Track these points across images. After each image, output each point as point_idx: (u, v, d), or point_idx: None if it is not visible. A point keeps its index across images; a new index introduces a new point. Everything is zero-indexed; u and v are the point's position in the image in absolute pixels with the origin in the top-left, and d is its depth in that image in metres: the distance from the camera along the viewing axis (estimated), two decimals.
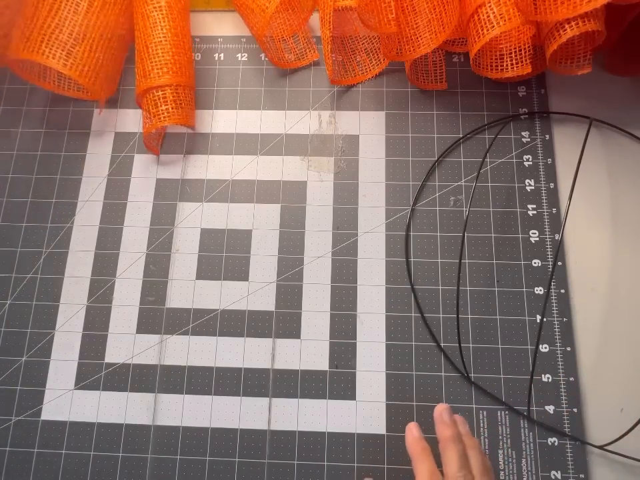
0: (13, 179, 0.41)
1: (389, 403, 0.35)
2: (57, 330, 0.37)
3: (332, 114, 0.42)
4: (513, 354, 0.35)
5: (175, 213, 0.40)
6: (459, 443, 0.28)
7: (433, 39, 0.36)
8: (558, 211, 0.38)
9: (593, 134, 0.39)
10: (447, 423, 0.29)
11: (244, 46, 0.44)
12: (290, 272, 0.38)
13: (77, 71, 0.38)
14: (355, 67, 0.42)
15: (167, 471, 0.34)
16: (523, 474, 0.33)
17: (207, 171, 0.41)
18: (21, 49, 0.37)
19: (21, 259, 0.39)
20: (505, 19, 0.34)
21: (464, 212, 0.38)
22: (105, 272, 0.38)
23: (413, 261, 0.37)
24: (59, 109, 0.43)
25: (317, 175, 0.40)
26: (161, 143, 0.42)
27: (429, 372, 0.35)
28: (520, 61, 0.36)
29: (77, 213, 0.40)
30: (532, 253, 0.37)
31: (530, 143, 0.40)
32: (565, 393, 0.34)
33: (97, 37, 0.39)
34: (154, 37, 0.39)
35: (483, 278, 0.37)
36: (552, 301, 0.36)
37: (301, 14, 0.42)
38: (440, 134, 0.40)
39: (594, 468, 0.33)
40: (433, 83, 0.41)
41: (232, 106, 0.42)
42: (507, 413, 0.34)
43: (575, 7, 0.30)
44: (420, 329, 0.36)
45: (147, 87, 0.38)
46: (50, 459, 0.34)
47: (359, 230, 0.38)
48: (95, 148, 0.42)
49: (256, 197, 0.40)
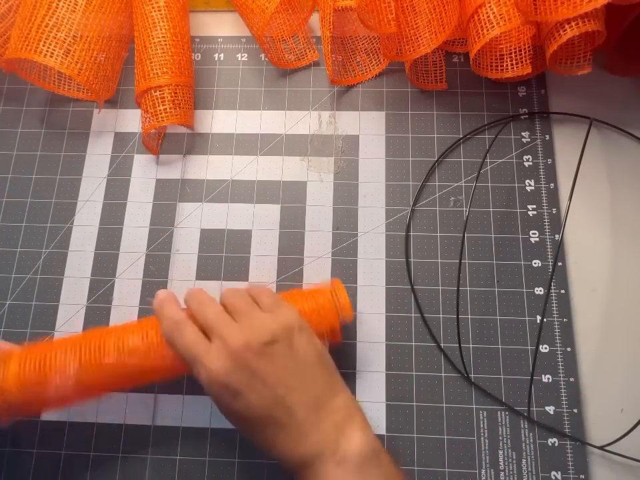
0: (13, 178, 0.41)
1: (388, 403, 0.35)
2: (56, 330, 0.37)
3: (332, 114, 0.42)
4: (513, 354, 0.35)
5: (175, 213, 0.40)
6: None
7: (433, 39, 0.36)
8: (558, 211, 0.38)
9: (593, 134, 0.39)
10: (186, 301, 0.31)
11: (244, 46, 0.44)
12: (290, 272, 0.38)
13: (75, 69, 0.38)
14: (355, 67, 0.42)
15: (166, 471, 0.34)
16: (523, 474, 0.33)
17: (207, 171, 0.41)
18: (19, 48, 0.37)
19: (20, 259, 0.39)
20: (505, 19, 0.34)
21: (464, 212, 0.38)
22: (105, 272, 0.38)
23: (413, 261, 0.37)
24: (59, 109, 0.43)
25: (317, 175, 0.40)
26: (161, 143, 0.42)
27: (429, 372, 0.35)
28: (520, 61, 0.36)
29: (77, 213, 0.40)
30: (532, 254, 0.37)
31: (530, 143, 0.40)
32: (565, 393, 0.34)
33: (95, 36, 0.39)
34: (153, 37, 0.39)
35: (483, 278, 0.37)
36: (552, 302, 0.36)
37: (301, 14, 0.42)
38: (440, 134, 0.40)
39: (594, 468, 0.32)
40: (433, 83, 0.41)
41: (232, 106, 0.42)
42: (507, 414, 0.34)
43: (575, 7, 0.30)
44: (420, 329, 0.36)
45: (146, 87, 0.38)
46: (49, 458, 0.34)
47: (359, 230, 0.38)
48: (95, 148, 0.42)
49: (256, 197, 0.40)
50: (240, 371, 0.26)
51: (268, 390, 0.27)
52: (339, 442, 0.26)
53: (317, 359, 0.28)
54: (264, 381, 0.27)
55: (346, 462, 0.26)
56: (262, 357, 0.27)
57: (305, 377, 0.27)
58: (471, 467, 0.33)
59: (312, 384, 0.27)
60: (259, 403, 0.26)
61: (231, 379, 0.26)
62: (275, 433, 0.27)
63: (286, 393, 0.27)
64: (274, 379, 0.27)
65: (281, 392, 0.27)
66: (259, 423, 0.27)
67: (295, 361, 0.28)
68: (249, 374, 0.27)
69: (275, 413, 0.26)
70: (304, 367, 0.28)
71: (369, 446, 0.27)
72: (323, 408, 0.27)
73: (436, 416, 0.34)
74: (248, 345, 0.27)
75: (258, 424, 0.27)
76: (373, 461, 0.26)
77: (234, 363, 0.26)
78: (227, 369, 0.26)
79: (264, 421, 0.27)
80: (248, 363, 0.27)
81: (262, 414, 0.26)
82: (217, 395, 0.27)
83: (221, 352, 0.27)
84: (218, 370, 0.26)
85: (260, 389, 0.26)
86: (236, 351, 0.27)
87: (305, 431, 0.26)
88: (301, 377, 0.27)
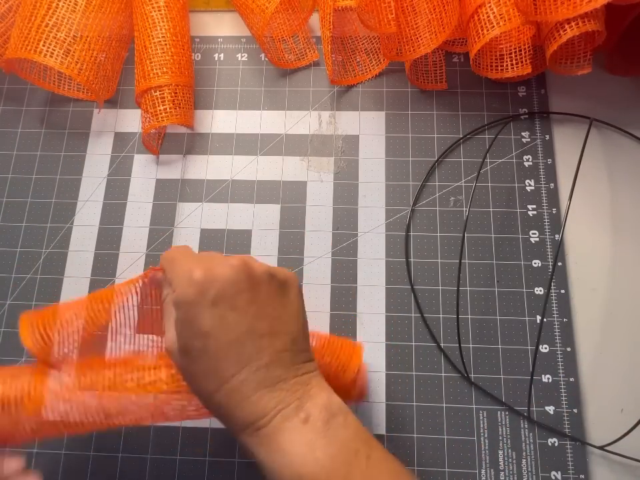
0: (13, 178, 0.41)
1: (388, 403, 0.35)
2: None
3: (332, 114, 0.42)
4: (513, 354, 0.35)
5: (175, 213, 0.40)
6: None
7: (433, 39, 0.36)
8: (558, 211, 0.38)
9: (593, 134, 0.39)
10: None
11: (244, 46, 0.44)
12: None
13: (75, 69, 0.38)
14: (355, 67, 0.42)
15: (167, 471, 0.34)
16: (523, 474, 0.33)
17: (207, 171, 0.41)
18: (19, 48, 0.37)
19: (20, 259, 0.39)
20: (505, 19, 0.34)
21: (464, 212, 0.38)
22: (105, 272, 0.38)
23: (413, 261, 0.37)
24: (59, 109, 0.43)
25: (317, 175, 0.40)
26: (161, 143, 0.42)
27: (429, 372, 0.35)
28: (520, 61, 0.36)
29: (77, 213, 0.40)
30: (532, 253, 0.37)
31: (530, 143, 0.40)
32: (565, 393, 0.34)
33: (95, 36, 0.39)
34: (153, 37, 0.39)
35: (483, 278, 0.37)
36: (552, 302, 0.36)
37: (301, 14, 0.42)
38: (440, 134, 0.40)
39: (594, 468, 0.32)
40: (433, 83, 0.41)
41: (232, 106, 0.42)
42: (507, 414, 0.34)
43: (575, 7, 0.30)
44: (420, 329, 0.36)
45: (146, 87, 0.38)
46: (50, 458, 0.34)
47: (359, 230, 0.38)
48: (95, 148, 0.42)
49: (256, 197, 0.40)
50: (230, 283, 0.24)
51: (249, 317, 0.24)
52: (303, 400, 0.24)
53: (302, 316, 0.26)
54: (249, 306, 0.24)
55: (309, 420, 0.23)
56: (258, 284, 0.25)
57: (288, 328, 0.25)
58: (471, 467, 0.33)
59: (291, 338, 0.25)
60: (234, 323, 0.24)
61: (216, 285, 0.24)
62: (232, 370, 0.23)
63: (267, 331, 0.24)
64: (261, 311, 0.24)
65: (262, 327, 0.24)
66: (220, 350, 0.23)
67: (285, 308, 0.25)
68: (237, 290, 0.24)
69: (247, 345, 0.24)
70: (291, 319, 0.25)
71: (334, 404, 0.24)
72: (293, 364, 0.25)
73: (436, 416, 0.34)
74: (248, 266, 0.25)
75: (218, 351, 0.23)
76: (340, 419, 0.24)
77: (227, 272, 0.24)
78: (214, 275, 0.24)
79: (227, 350, 0.23)
80: (241, 280, 0.24)
81: (229, 339, 0.23)
82: (191, 300, 0.24)
83: (216, 263, 0.25)
84: (205, 273, 0.24)
85: (241, 311, 0.24)
86: (235, 266, 0.24)
87: (269, 382, 0.24)
88: (285, 325, 0.25)
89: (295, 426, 0.23)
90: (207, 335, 0.23)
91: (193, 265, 0.24)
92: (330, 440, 0.23)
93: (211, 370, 0.24)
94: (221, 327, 0.24)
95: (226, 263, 0.25)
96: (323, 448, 0.23)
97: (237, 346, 0.24)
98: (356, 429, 0.24)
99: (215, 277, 0.24)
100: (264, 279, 0.25)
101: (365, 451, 0.23)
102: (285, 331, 0.25)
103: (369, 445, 0.24)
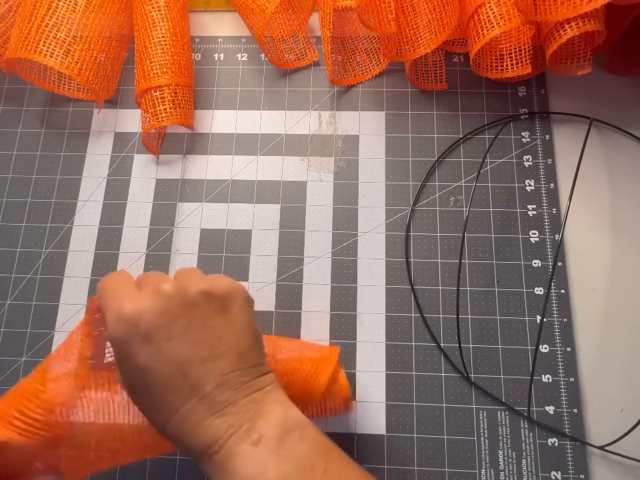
0: (13, 178, 0.41)
1: (388, 403, 0.35)
2: (56, 330, 0.37)
3: (332, 114, 0.42)
4: (513, 354, 0.35)
5: (175, 213, 0.40)
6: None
7: (433, 39, 0.36)
8: (558, 211, 0.38)
9: (593, 134, 0.39)
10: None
11: (244, 46, 0.44)
12: (290, 272, 0.38)
13: (75, 69, 0.38)
14: (355, 67, 0.42)
15: (167, 471, 0.34)
16: (523, 474, 0.33)
17: (207, 171, 0.41)
18: (19, 48, 0.37)
19: (20, 258, 0.39)
20: (505, 19, 0.34)
21: (464, 212, 0.38)
22: (105, 272, 0.38)
23: (413, 261, 0.37)
24: (59, 109, 0.43)
25: (317, 175, 0.40)
26: (161, 143, 0.42)
27: (428, 372, 0.35)
28: (520, 61, 0.36)
29: (77, 213, 0.40)
30: (532, 253, 0.37)
31: (530, 143, 0.40)
32: (565, 393, 0.34)
33: (95, 36, 0.39)
34: (153, 37, 0.39)
35: (483, 278, 0.37)
36: (552, 302, 0.36)
37: (301, 14, 0.42)
38: (440, 134, 0.40)
39: (594, 468, 0.32)
40: (433, 83, 0.41)
41: (232, 106, 0.42)
42: (507, 414, 0.34)
43: (575, 7, 0.30)
44: (420, 329, 0.36)
45: (146, 87, 0.38)
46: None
47: (359, 230, 0.38)
48: (95, 148, 0.42)
49: (256, 197, 0.40)
50: (161, 313, 0.23)
51: (187, 344, 0.23)
52: (255, 420, 0.23)
53: (250, 329, 0.25)
54: (185, 333, 0.23)
55: (262, 441, 0.22)
56: (192, 307, 0.23)
57: (234, 346, 0.24)
58: (471, 467, 0.33)
59: (237, 356, 0.24)
60: (171, 354, 0.22)
61: (146, 318, 0.22)
62: (177, 402, 0.23)
63: (209, 355, 0.23)
64: (199, 334, 0.23)
65: (203, 352, 0.23)
66: (162, 384, 0.23)
67: (229, 325, 0.24)
68: (169, 319, 0.23)
69: (189, 374, 0.23)
70: (236, 335, 0.24)
71: (290, 419, 0.23)
72: (243, 384, 0.23)
73: (436, 416, 0.34)
74: (181, 289, 0.23)
75: (160, 385, 0.23)
76: (296, 434, 0.23)
77: (155, 303, 0.23)
78: (142, 307, 0.22)
79: (169, 383, 0.23)
80: (173, 308, 0.23)
81: (169, 371, 0.22)
82: (122, 338, 0.22)
83: (146, 293, 0.23)
84: (133, 307, 0.22)
85: (177, 340, 0.23)
86: (165, 293, 0.23)
87: (217, 408, 0.23)
88: (229, 344, 0.24)
89: (246, 449, 0.22)
90: (144, 370, 0.22)
91: (122, 298, 0.23)
92: (283, 459, 0.22)
93: (156, 404, 0.23)
94: (158, 360, 0.22)
95: (157, 290, 0.23)
96: (275, 468, 0.22)
97: (178, 377, 0.23)
98: (313, 442, 0.23)
99: (143, 310, 0.23)
100: (199, 299, 0.24)
101: (321, 465, 0.23)
102: (230, 350, 0.24)
103: (326, 458, 0.23)
